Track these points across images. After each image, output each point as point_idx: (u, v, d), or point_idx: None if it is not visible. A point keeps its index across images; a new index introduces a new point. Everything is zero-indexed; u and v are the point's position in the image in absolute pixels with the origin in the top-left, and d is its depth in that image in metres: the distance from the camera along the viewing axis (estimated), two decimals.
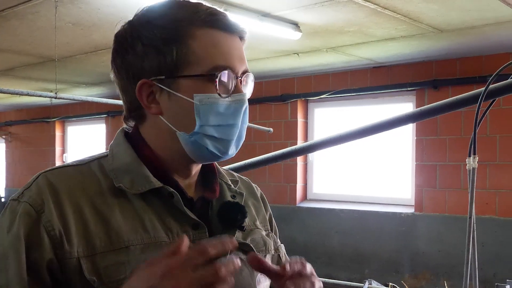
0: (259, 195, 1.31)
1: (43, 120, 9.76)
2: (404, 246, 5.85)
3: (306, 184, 6.80)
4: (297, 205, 6.68)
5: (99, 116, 8.87)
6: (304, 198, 6.78)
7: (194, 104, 1.03)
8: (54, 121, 9.60)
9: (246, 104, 1.09)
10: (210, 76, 1.03)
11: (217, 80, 1.03)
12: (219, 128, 1.05)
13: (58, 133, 9.73)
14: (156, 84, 1.05)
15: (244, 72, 1.09)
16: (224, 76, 1.04)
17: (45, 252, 0.96)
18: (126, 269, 0.97)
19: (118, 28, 1.10)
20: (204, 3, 1.08)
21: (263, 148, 6.13)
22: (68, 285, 0.98)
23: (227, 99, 1.05)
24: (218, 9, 1.07)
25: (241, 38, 1.10)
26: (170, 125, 1.06)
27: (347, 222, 6.23)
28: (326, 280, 5.33)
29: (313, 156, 6.70)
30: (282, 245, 1.29)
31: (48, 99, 7.29)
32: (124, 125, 1.16)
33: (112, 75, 1.12)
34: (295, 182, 6.69)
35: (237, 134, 1.08)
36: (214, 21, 1.05)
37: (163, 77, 1.04)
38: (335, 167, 6.57)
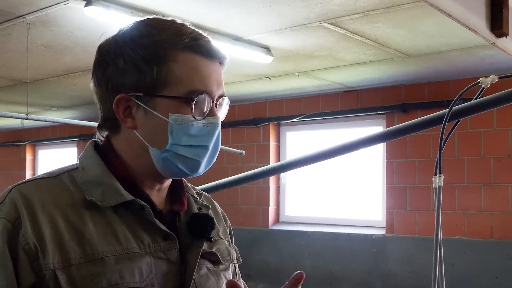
0: (218, 208, 1.35)
1: (13, 144, 9.62)
2: (375, 267, 5.89)
3: (278, 206, 6.82)
4: (269, 227, 6.68)
5: (70, 140, 8.77)
6: (277, 220, 6.79)
7: (169, 123, 1.07)
8: (25, 144, 9.46)
9: (219, 127, 1.11)
10: (187, 99, 1.06)
11: (193, 103, 1.06)
12: (190, 148, 1.08)
13: (28, 157, 9.60)
14: (133, 99, 1.08)
15: (221, 96, 1.12)
16: (200, 100, 1.07)
17: (24, 270, 0.98)
18: (102, 279, 1.00)
19: (102, 40, 1.13)
20: (189, 26, 1.10)
21: (236, 171, 6.11)
22: None
23: (201, 121, 1.08)
24: (202, 33, 1.10)
25: (221, 63, 1.13)
26: (143, 140, 1.09)
27: (319, 244, 6.25)
28: None
29: (286, 178, 6.74)
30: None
31: (19, 122, 7.22)
32: (97, 135, 1.18)
33: (91, 84, 1.15)
34: (268, 205, 6.71)
35: (207, 155, 1.11)
36: (197, 46, 1.08)
37: (141, 94, 1.07)
38: (308, 189, 6.62)
